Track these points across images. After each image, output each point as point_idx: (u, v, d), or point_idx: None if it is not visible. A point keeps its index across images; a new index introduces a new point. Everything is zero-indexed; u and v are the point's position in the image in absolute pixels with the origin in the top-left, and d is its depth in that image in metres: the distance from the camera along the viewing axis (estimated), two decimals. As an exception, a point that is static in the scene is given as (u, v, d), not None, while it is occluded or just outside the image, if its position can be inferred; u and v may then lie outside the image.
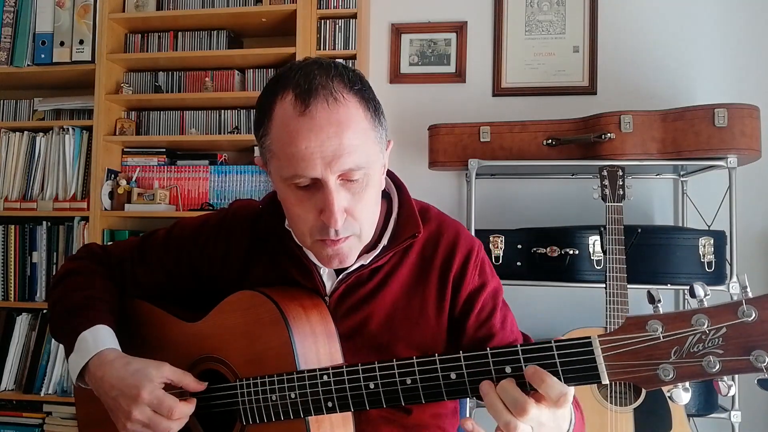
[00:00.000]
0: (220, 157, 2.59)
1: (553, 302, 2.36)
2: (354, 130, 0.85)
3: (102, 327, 0.97)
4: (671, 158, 2.02)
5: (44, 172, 2.53)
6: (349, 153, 0.84)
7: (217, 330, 0.96)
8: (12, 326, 2.47)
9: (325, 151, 0.83)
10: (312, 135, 0.83)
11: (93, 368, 0.93)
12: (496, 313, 1.01)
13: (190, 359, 0.98)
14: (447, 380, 0.78)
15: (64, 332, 0.99)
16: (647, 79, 2.41)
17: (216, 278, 1.05)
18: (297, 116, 0.84)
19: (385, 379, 0.81)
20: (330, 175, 0.84)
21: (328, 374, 0.84)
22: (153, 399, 0.87)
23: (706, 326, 0.68)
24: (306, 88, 0.84)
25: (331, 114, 0.84)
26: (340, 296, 0.98)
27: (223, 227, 1.07)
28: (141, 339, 1.05)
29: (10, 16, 2.56)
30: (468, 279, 1.00)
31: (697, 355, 0.68)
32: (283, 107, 0.86)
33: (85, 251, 1.15)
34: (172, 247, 1.09)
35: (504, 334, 1.01)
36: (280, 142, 0.86)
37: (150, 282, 1.09)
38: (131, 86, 2.57)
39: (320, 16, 2.47)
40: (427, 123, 2.29)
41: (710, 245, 1.96)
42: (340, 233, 0.88)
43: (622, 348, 0.71)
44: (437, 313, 1.00)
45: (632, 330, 0.71)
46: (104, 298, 1.03)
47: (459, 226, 1.05)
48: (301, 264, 0.99)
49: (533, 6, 2.51)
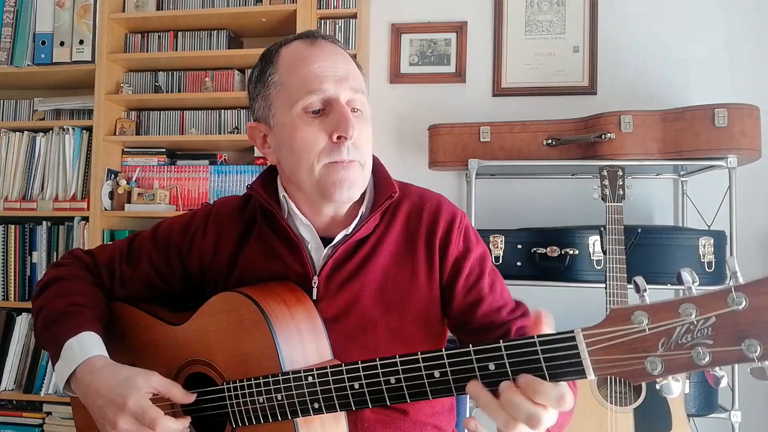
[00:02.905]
0: (220, 157, 2.59)
1: (553, 302, 2.36)
2: (354, 65, 0.99)
3: (89, 334, 0.96)
4: (671, 158, 2.02)
5: (44, 172, 2.53)
6: (355, 76, 0.96)
7: (202, 333, 0.95)
8: (12, 326, 2.47)
9: (337, 71, 0.94)
10: (323, 57, 0.95)
11: (80, 375, 0.92)
12: (485, 277, 1.01)
13: (177, 363, 0.97)
14: (431, 379, 0.77)
15: (49, 340, 0.98)
16: (647, 79, 2.41)
17: (206, 270, 1.06)
18: (307, 47, 0.96)
19: (369, 378, 0.80)
20: (342, 93, 0.93)
21: (313, 375, 0.83)
22: (137, 409, 0.86)
23: (694, 316, 0.64)
24: (311, 32, 0.99)
25: (336, 48, 0.98)
26: (329, 274, 0.98)
27: (210, 219, 1.08)
28: (127, 344, 1.04)
29: (10, 16, 2.56)
30: (453, 244, 1.01)
31: (686, 347, 0.64)
32: (290, 48, 0.98)
33: (69, 257, 1.13)
34: (160, 244, 1.09)
35: (494, 298, 1.01)
36: (293, 68, 0.95)
37: (138, 281, 1.09)
38: (131, 86, 2.57)
39: (320, 16, 2.47)
40: (427, 123, 2.29)
41: (710, 245, 1.96)
42: (351, 153, 0.92)
43: (607, 342, 0.68)
44: (428, 278, 1.00)
45: (617, 322, 0.68)
46: (90, 304, 1.02)
47: (441, 197, 1.07)
48: (289, 239, 0.99)
49: (533, 6, 2.51)
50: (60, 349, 0.94)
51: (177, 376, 0.98)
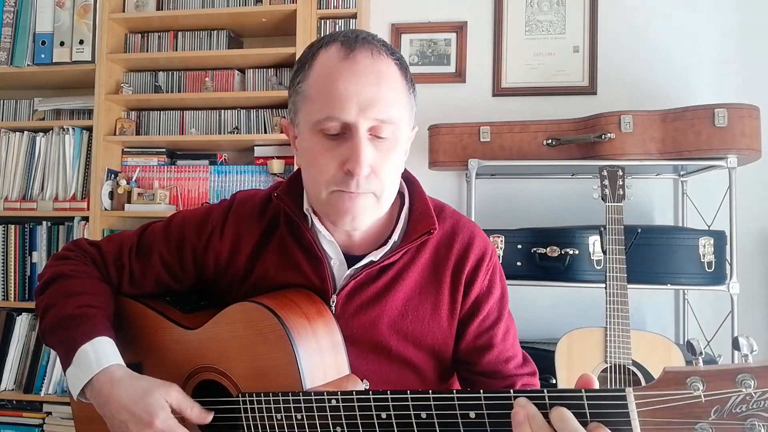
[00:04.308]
0: (220, 157, 2.59)
1: (553, 302, 2.36)
2: (391, 86, 0.87)
3: (103, 339, 0.93)
4: (671, 158, 2.02)
5: (44, 172, 2.53)
6: (384, 104, 0.85)
7: (217, 341, 0.93)
8: (12, 326, 2.47)
9: (362, 95, 0.84)
10: (353, 78, 0.84)
11: (98, 385, 0.89)
12: (500, 324, 0.98)
13: (189, 367, 0.96)
14: (465, 419, 0.74)
15: (59, 342, 0.95)
16: (647, 79, 2.41)
17: (221, 271, 1.02)
18: (340, 59, 0.86)
19: (399, 410, 0.77)
20: (362, 122, 0.84)
21: (338, 399, 0.81)
22: (166, 428, 0.85)
23: (752, 388, 0.62)
24: (352, 37, 0.87)
25: (373, 63, 0.86)
26: (348, 294, 0.95)
27: (229, 219, 1.02)
28: (136, 342, 1.02)
29: (10, 16, 2.56)
30: (478, 282, 0.97)
31: (739, 417, 0.63)
32: (327, 53, 0.88)
33: (74, 248, 1.08)
34: (173, 240, 1.04)
35: (504, 347, 0.98)
36: (319, 83, 0.87)
37: (147, 278, 1.04)
38: (131, 86, 2.57)
39: (320, 16, 2.47)
40: (427, 123, 2.29)
41: (710, 245, 1.96)
42: (361, 187, 0.86)
43: (658, 404, 0.65)
44: (450, 314, 0.97)
45: (671, 385, 0.65)
46: (100, 304, 0.98)
47: (474, 226, 1.02)
48: (312, 253, 0.95)
49: (533, 6, 2.51)
50: (72, 355, 0.91)
51: (187, 381, 0.96)
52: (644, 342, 1.76)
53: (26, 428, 2.43)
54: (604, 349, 1.74)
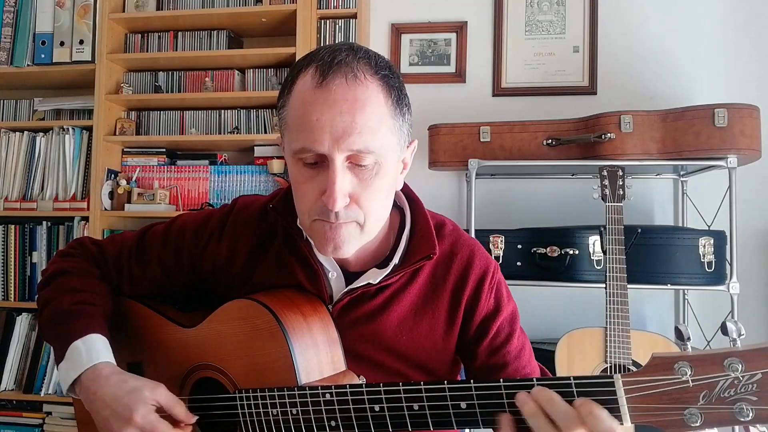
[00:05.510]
0: (220, 157, 2.59)
1: (553, 302, 2.36)
2: (369, 112, 0.82)
3: (95, 336, 0.93)
4: (671, 158, 2.02)
5: (44, 172, 2.53)
6: (360, 133, 0.81)
7: (214, 338, 0.93)
8: (12, 326, 2.47)
9: (335, 126, 0.80)
10: (325, 108, 0.80)
11: (86, 382, 0.90)
12: (513, 341, 0.97)
13: (187, 365, 0.96)
14: (457, 409, 0.75)
15: (54, 337, 0.96)
16: (647, 79, 2.41)
17: (218, 277, 1.02)
18: (313, 88, 0.82)
19: (392, 402, 0.78)
20: (337, 154, 0.81)
21: (331, 393, 0.82)
22: (146, 424, 0.84)
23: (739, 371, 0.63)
24: (328, 61, 0.83)
25: (348, 90, 0.81)
26: (343, 308, 0.95)
27: (228, 224, 1.02)
28: (135, 342, 1.02)
29: (10, 16, 2.56)
30: (482, 302, 0.96)
31: (728, 401, 0.63)
32: (304, 79, 0.84)
33: (77, 247, 1.09)
34: (171, 243, 1.04)
35: (519, 364, 0.97)
36: (294, 114, 0.84)
37: (146, 279, 1.05)
38: (131, 86, 2.57)
39: (320, 16, 2.47)
40: (427, 123, 2.29)
41: (710, 245, 1.96)
42: (341, 217, 0.84)
43: (646, 390, 0.66)
44: (445, 336, 0.96)
45: (659, 371, 0.65)
46: (97, 302, 0.99)
47: (475, 244, 1.00)
48: (309, 266, 0.95)
49: (533, 6, 2.51)
50: (65, 350, 0.92)
51: (186, 379, 0.96)
52: (644, 342, 1.76)
53: (26, 428, 2.43)
54: (604, 349, 1.74)
